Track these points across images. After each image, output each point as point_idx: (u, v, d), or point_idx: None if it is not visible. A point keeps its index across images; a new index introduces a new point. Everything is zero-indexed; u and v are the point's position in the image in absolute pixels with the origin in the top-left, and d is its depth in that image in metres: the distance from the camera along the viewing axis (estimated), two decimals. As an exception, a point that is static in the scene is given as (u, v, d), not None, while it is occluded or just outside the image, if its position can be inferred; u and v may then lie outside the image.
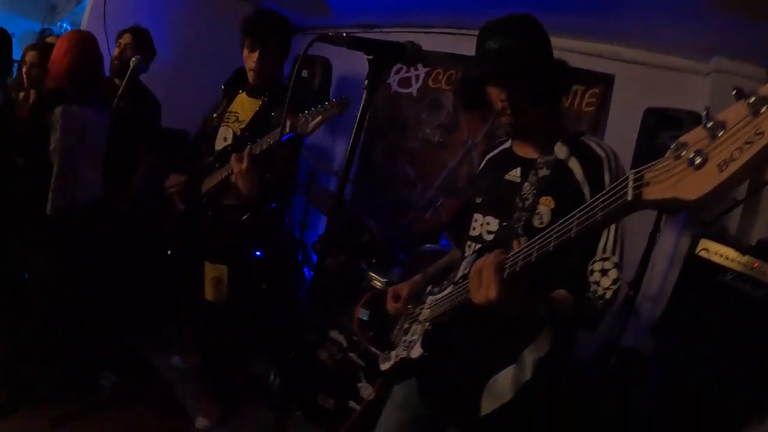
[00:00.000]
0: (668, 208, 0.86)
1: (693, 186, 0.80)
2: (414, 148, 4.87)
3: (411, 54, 1.52)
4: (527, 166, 1.65)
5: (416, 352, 1.70)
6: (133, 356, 3.68)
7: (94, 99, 2.95)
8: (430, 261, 3.34)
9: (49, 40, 4.26)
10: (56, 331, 3.22)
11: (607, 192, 0.97)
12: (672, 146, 0.86)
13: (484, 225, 1.74)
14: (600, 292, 1.35)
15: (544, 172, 1.57)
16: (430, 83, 4.76)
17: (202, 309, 3.00)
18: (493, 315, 1.31)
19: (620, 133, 3.53)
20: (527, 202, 1.57)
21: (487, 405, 1.55)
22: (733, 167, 0.75)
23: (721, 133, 0.78)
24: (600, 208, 0.97)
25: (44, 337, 3.25)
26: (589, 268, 1.37)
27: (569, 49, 3.83)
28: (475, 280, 1.28)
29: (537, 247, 1.13)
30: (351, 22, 5.35)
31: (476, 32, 4.68)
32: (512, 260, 1.22)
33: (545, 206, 1.54)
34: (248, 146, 2.42)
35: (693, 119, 2.91)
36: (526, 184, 1.60)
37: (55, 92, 2.83)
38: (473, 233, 1.77)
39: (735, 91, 0.77)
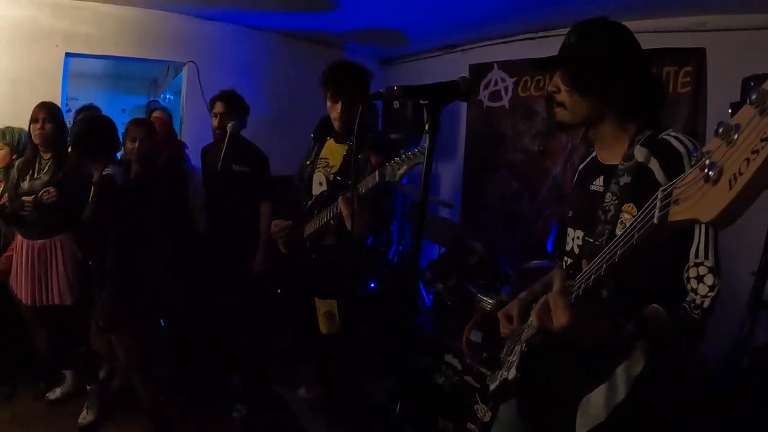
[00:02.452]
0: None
1: (710, 204, 0.77)
2: (516, 161, 5.02)
3: (465, 89, 1.67)
4: (609, 173, 1.65)
5: (512, 373, 1.76)
6: (262, 389, 4.10)
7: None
8: (537, 277, 3.49)
9: (155, 115, 4.89)
10: (193, 366, 3.93)
11: (643, 211, 1.00)
12: (695, 155, 0.85)
13: (575, 239, 1.77)
14: (698, 300, 1.38)
15: (625, 179, 1.57)
16: (520, 92, 4.92)
17: (321, 342, 3.29)
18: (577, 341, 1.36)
19: (722, 110, 3.44)
20: (609, 214, 1.58)
21: (582, 426, 1.59)
22: (740, 183, 0.70)
23: (735, 137, 0.74)
24: (635, 231, 1.01)
25: (180, 373, 3.99)
26: (684, 275, 1.40)
27: (652, 29, 3.86)
28: (542, 314, 1.36)
29: (592, 272, 1.22)
30: (429, 47, 5.70)
31: (557, 32, 4.79)
32: (577, 284, 1.30)
33: (628, 214, 1.53)
34: (355, 188, 2.62)
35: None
36: (608, 194, 1.61)
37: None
38: (567, 248, 1.82)
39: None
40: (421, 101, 1.66)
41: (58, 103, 4.70)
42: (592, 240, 1.63)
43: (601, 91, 1.63)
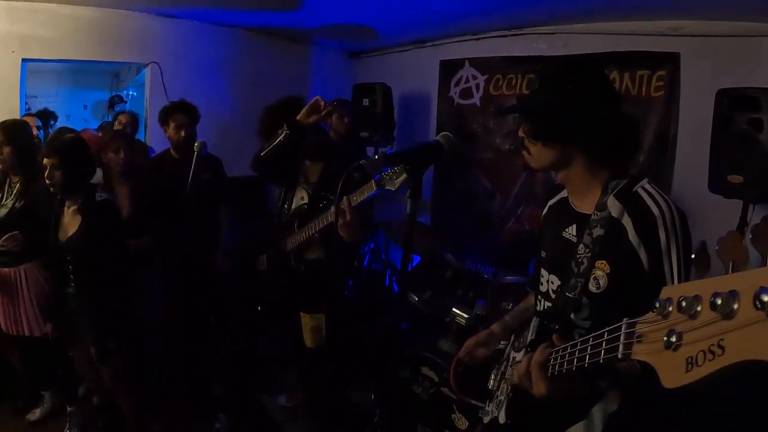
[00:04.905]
0: None
1: (668, 369, 0.85)
2: (487, 159, 5.01)
3: (448, 149, 1.64)
4: (582, 223, 1.62)
5: (502, 417, 1.80)
6: (243, 397, 4.07)
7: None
8: (512, 293, 3.51)
9: (124, 119, 4.76)
10: (176, 377, 3.95)
11: (606, 333, 1.09)
12: (658, 303, 0.90)
13: (549, 282, 1.76)
14: None
15: (598, 231, 1.55)
16: (492, 90, 4.89)
17: (304, 354, 3.25)
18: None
19: (694, 117, 3.54)
20: (583, 267, 1.56)
21: None
22: (697, 374, 0.78)
23: (699, 308, 0.80)
24: (601, 355, 1.10)
25: (163, 385, 3.96)
26: None
27: (627, 31, 3.89)
28: (525, 378, 1.43)
29: (566, 361, 1.27)
30: (399, 41, 5.61)
31: (529, 30, 4.77)
32: (553, 361, 1.34)
33: (601, 271, 1.53)
34: (347, 200, 2.54)
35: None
36: (581, 245, 1.58)
37: None
38: (542, 288, 1.80)
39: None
40: (404, 166, 1.64)
41: (17, 111, 4.56)
42: (566, 292, 1.62)
43: (564, 141, 1.59)
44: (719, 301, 0.75)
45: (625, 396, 1.56)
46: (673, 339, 0.83)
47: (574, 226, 1.67)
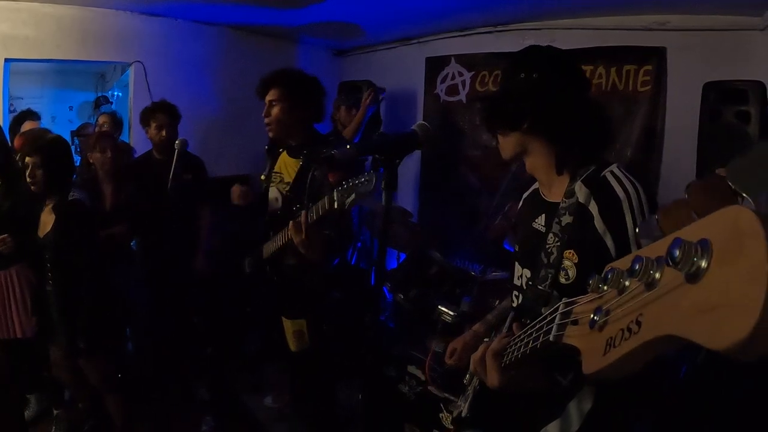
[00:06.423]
0: None
1: (590, 353, 0.75)
2: (474, 156, 4.94)
3: (423, 138, 1.57)
4: (551, 211, 1.55)
5: (465, 411, 1.77)
6: (229, 398, 4.03)
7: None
8: (497, 289, 3.46)
9: (102, 120, 4.66)
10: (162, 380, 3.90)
11: (543, 319, 1.02)
12: (591, 280, 0.79)
13: (522, 276, 1.69)
14: None
15: (566, 218, 1.48)
16: (478, 87, 4.81)
17: (289, 356, 3.18)
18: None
19: (682, 111, 3.47)
20: (552, 257, 1.49)
21: None
22: (613, 356, 0.68)
23: (627, 283, 0.69)
24: (539, 337, 1.02)
25: (149, 388, 3.90)
26: None
27: (614, 26, 3.84)
28: (480, 367, 1.36)
29: (521, 345, 1.18)
30: (386, 38, 5.53)
31: (515, 27, 4.72)
32: (509, 349, 1.25)
33: (569, 261, 1.46)
34: (304, 216, 2.40)
35: (758, 91, 2.82)
36: (550, 235, 1.51)
37: None
38: (516, 282, 1.73)
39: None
40: (378, 157, 1.53)
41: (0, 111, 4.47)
42: (537, 285, 1.54)
43: (510, 127, 1.55)
44: (637, 266, 0.65)
45: (599, 392, 1.47)
46: (598, 317, 0.73)
47: (544, 215, 1.61)
